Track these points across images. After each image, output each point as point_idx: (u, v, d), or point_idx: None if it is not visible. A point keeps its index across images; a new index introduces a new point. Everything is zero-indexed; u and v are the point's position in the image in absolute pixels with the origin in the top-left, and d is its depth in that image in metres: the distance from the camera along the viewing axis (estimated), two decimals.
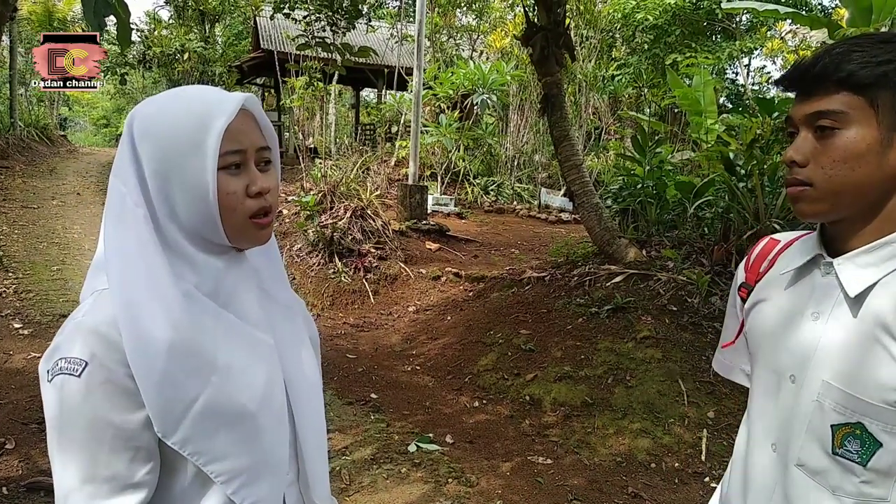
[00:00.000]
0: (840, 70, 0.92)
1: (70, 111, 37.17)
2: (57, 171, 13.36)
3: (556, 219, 12.59)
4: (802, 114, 0.97)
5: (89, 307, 0.93)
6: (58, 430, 0.90)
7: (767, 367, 1.07)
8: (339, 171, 9.98)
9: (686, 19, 15.05)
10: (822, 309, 1.00)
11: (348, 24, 9.11)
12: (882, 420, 0.91)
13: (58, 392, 0.89)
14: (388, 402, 4.59)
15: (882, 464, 0.92)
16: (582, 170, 6.48)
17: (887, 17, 6.16)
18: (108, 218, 0.96)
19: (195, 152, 0.93)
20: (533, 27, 6.41)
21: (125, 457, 0.90)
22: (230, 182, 0.96)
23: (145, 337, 0.89)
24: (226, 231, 0.98)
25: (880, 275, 0.94)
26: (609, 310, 5.15)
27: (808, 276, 1.04)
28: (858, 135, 0.92)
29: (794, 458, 1.00)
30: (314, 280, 7.61)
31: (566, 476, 3.62)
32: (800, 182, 0.97)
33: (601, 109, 15.52)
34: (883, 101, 0.91)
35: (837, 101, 0.93)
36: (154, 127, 0.95)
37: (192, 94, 0.98)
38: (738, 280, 1.20)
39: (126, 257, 0.93)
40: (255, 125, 1.00)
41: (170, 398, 0.90)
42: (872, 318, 0.94)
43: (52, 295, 6.55)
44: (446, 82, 13.42)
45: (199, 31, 19.50)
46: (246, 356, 0.98)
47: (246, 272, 1.04)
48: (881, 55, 0.91)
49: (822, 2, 17.83)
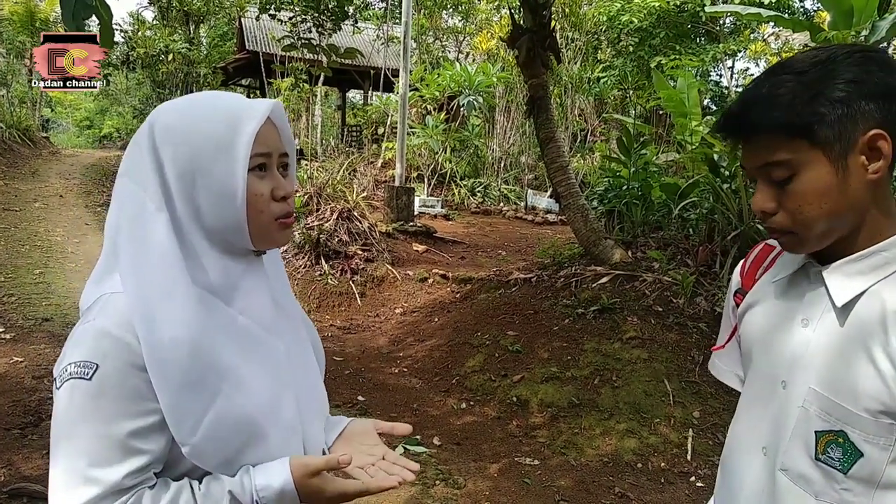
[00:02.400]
0: (772, 120, 0.91)
1: (52, 112, 36.77)
2: (39, 174, 13.21)
3: (543, 220, 12.63)
4: (753, 166, 0.97)
5: (100, 310, 0.91)
6: (65, 435, 0.88)
7: (760, 372, 1.08)
8: (326, 172, 9.96)
9: (670, 22, 15.15)
10: (812, 316, 1.00)
11: (334, 26, 9.10)
12: (863, 429, 0.91)
13: (67, 396, 0.87)
14: (376, 405, 4.58)
15: (863, 473, 0.92)
16: (568, 171, 6.50)
17: (868, 20, 6.23)
18: (122, 222, 0.95)
19: (224, 154, 0.94)
20: (519, 29, 6.43)
21: (133, 461, 0.88)
22: (258, 184, 0.98)
23: (165, 341, 0.88)
24: (250, 233, 0.99)
25: (868, 284, 0.95)
26: (595, 311, 5.17)
27: (799, 283, 1.05)
28: (813, 175, 0.92)
29: (780, 463, 1.01)
30: (300, 282, 7.58)
31: (553, 477, 3.63)
32: (777, 230, 0.99)
33: (587, 111, 15.61)
34: (825, 137, 0.90)
35: (781, 150, 0.93)
36: (180, 126, 0.95)
37: (220, 98, 1.00)
38: (734, 286, 1.21)
39: (143, 262, 0.92)
40: (277, 132, 1.02)
41: (188, 404, 0.89)
42: (859, 326, 0.94)
43: (34, 299, 6.47)
44: (433, 84, 13.42)
45: (184, 31, 19.38)
46: (258, 363, 0.98)
47: (261, 277, 1.06)
48: (805, 92, 0.90)
49: (805, 5, 18.03)
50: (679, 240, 6.17)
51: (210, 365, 0.91)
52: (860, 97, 0.90)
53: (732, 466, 1.12)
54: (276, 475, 0.95)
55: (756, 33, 17.71)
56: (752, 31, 17.27)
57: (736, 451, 1.12)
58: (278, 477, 0.95)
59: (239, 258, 1.01)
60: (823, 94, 0.90)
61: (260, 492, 0.94)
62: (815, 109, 0.90)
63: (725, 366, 1.26)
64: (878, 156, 0.91)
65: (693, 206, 6.25)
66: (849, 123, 0.90)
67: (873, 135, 0.90)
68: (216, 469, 0.94)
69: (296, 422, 1.04)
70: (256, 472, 0.95)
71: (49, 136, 20.72)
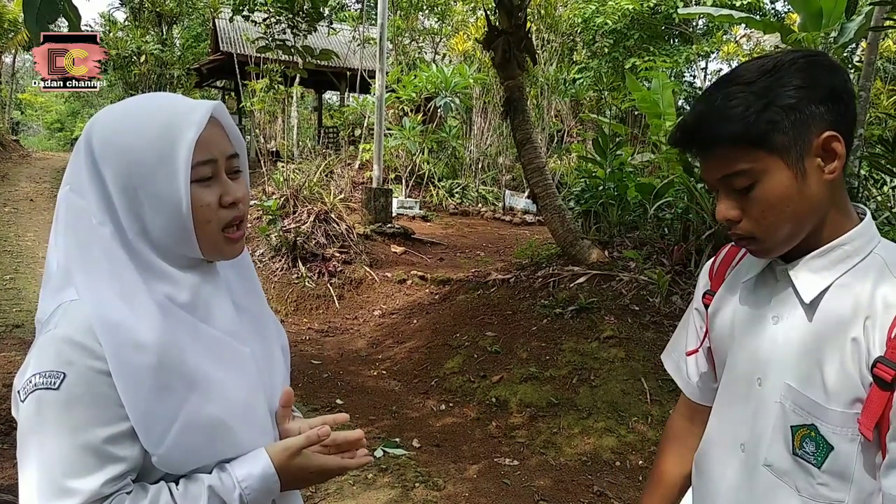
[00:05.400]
0: (727, 131, 0.93)
1: (23, 115, 36.10)
2: (9, 177, 12.96)
3: (521, 220, 12.69)
4: (713, 178, 0.99)
5: (60, 319, 0.88)
6: (35, 447, 0.84)
7: (735, 371, 1.09)
8: (302, 174, 9.89)
9: (644, 24, 15.32)
10: (781, 313, 1.03)
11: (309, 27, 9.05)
12: (831, 422, 0.94)
13: (36, 408, 0.84)
14: (354, 408, 4.56)
15: (837, 466, 0.94)
16: (545, 172, 6.54)
17: (836, 22, 6.35)
18: (63, 232, 0.92)
19: (165, 166, 0.90)
20: (494, 31, 6.45)
21: (110, 469, 0.85)
22: (203, 194, 0.94)
23: (130, 346, 0.85)
24: (199, 244, 0.95)
25: (832, 278, 0.97)
26: (573, 310, 5.20)
27: (767, 281, 1.07)
28: (774, 181, 0.94)
29: (762, 459, 1.02)
30: (277, 285, 7.52)
31: (532, 477, 3.64)
32: (743, 237, 1.01)
33: (563, 112, 15.70)
34: (781, 143, 0.92)
35: (740, 161, 0.94)
36: (117, 140, 0.91)
37: (156, 104, 0.95)
38: (703, 287, 1.22)
39: (96, 272, 0.89)
40: (223, 132, 0.98)
41: (157, 411, 0.87)
42: (825, 321, 0.97)
43: (4, 305, 6.35)
44: (409, 85, 13.41)
45: (156, 33, 19.12)
46: (226, 369, 0.96)
47: (218, 285, 1.03)
48: (756, 101, 0.92)
49: (776, 7, 18.33)
50: (655, 239, 6.24)
51: (177, 370, 0.89)
52: (810, 101, 0.92)
53: (709, 465, 1.13)
54: (254, 463, 0.95)
55: (728, 35, 17.96)
56: (725, 33, 17.52)
57: (712, 450, 1.13)
58: (257, 464, 0.95)
59: (192, 269, 0.98)
60: (775, 103, 0.92)
61: (242, 482, 0.93)
62: (769, 118, 0.92)
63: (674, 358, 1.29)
64: (832, 156, 0.94)
65: (668, 206, 6.32)
66: (802, 128, 0.92)
67: (827, 137, 0.93)
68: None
69: (268, 424, 1.03)
70: (233, 465, 0.94)
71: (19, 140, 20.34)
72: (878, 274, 0.95)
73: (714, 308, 1.16)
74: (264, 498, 0.97)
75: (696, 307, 1.23)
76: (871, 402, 0.91)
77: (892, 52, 12.12)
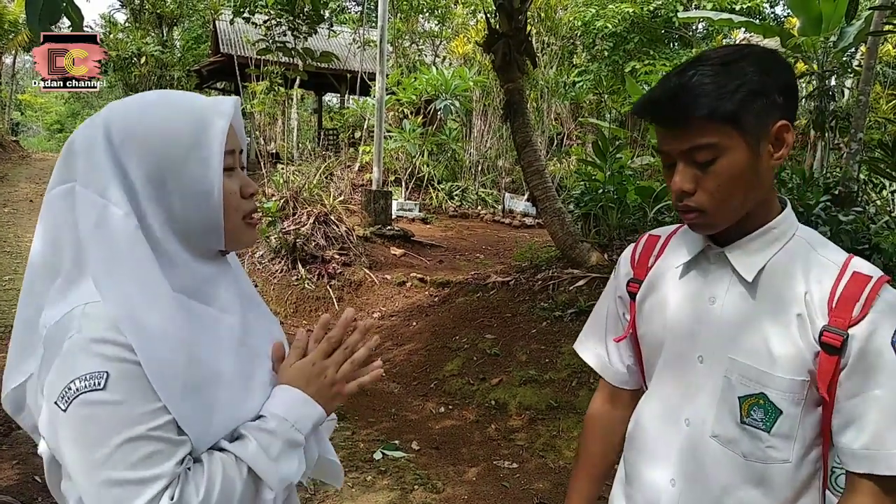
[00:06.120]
0: (701, 106, 0.97)
1: (22, 116, 36.11)
2: (9, 178, 12.97)
3: (520, 223, 12.69)
4: (677, 150, 1.03)
5: (81, 322, 0.85)
6: (98, 447, 0.82)
7: (672, 352, 1.15)
8: (302, 176, 9.89)
9: (644, 27, 15.33)
10: (717, 294, 1.10)
11: (310, 29, 9.06)
12: (780, 389, 1.02)
13: (84, 413, 0.82)
14: (354, 410, 4.55)
15: (783, 429, 1.03)
16: (544, 175, 6.54)
17: (836, 26, 6.37)
18: (84, 233, 0.89)
19: (198, 152, 0.92)
20: (495, 34, 6.46)
21: (182, 449, 0.86)
22: (229, 182, 0.97)
23: (161, 345, 0.85)
24: (224, 232, 0.98)
25: (767, 258, 1.06)
26: (572, 313, 5.20)
27: (699, 265, 1.14)
28: (734, 158, 1.00)
29: (709, 431, 1.09)
30: (277, 287, 7.52)
31: (532, 480, 3.64)
32: (691, 209, 1.05)
33: (563, 115, 15.73)
34: (747, 123, 0.99)
35: (707, 135, 0.99)
36: (142, 131, 0.91)
37: (176, 96, 0.97)
38: (625, 275, 1.26)
39: (118, 270, 0.88)
40: (233, 129, 1.00)
41: (191, 410, 0.87)
42: (767, 297, 1.05)
43: (3, 306, 6.34)
44: (409, 88, 13.42)
45: (157, 34, 19.16)
46: (248, 364, 0.98)
47: (230, 277, 1.04)
48: (730, 81, 0.97)
49: (775, 11, 18.36)
50: None
51: (204, 365, 0.90)
52: (774, 90, 1.00)
53: (649, 441, 1.19)
54: (276, 400, 0.98)
55: (728, 39, 17.97)
56: (725, 37, 17.53)
57: (652, 426, 1.19)
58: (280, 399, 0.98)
59: (209, 260, 1.00)
60: (746, 85, 0.98)
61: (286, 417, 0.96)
62: (742, 98, 0.97)
63: (592, 347, 1.37)
64: (781, 144, 1.02)
65: (668, 210, 6.32)
66: (764, 113, 0.99)
67: (781, 125, 1.01)
68: None
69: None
70: (264, 411, 0.96)
71: (19, 140, 20.35)
72: (805, 253, 1.06)
73: (642, 295, 1.21)
74: (301, 416, 0.98)
75: (618, 295, 1.28)
76: (822, 367, 1.00)
77: (892, 57, 12.16)
